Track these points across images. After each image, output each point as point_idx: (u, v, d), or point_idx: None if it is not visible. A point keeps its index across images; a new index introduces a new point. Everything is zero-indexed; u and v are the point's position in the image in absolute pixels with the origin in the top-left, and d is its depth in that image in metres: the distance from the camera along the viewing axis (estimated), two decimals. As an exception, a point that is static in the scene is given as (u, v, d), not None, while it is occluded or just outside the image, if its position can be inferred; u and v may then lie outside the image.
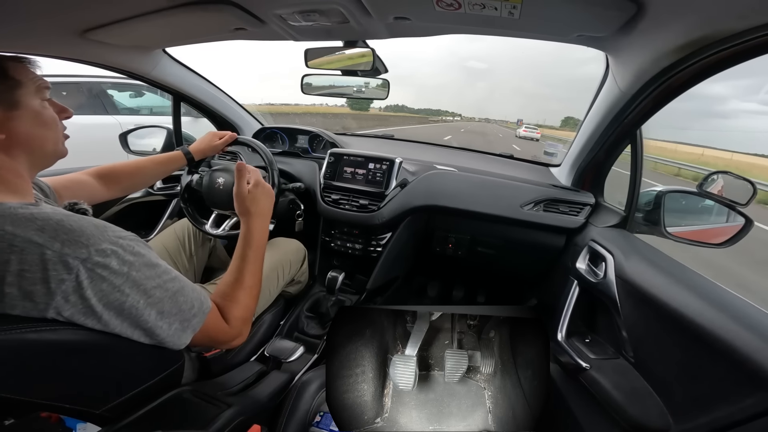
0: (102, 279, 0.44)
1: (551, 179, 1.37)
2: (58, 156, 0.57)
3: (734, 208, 0.84)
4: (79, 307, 0.44)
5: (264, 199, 0.79)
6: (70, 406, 0.47)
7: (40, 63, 0.56)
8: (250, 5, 0.71)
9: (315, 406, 0.73)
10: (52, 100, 0.56)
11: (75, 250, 0.43)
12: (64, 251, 0.42)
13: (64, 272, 0.42)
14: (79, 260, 0.43)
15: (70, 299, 0.43)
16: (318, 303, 1.28)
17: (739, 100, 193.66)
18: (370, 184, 1.25)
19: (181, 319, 0.53)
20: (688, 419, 0.61)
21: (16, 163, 0.51)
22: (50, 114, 0.54)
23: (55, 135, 0.55)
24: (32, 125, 0.51)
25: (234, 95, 1.59)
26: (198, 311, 0.55)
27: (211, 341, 0.61)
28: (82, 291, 0.43)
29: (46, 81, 0.55)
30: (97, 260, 0.44)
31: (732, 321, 0.57)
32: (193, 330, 0.55)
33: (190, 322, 0.54)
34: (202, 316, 0.56)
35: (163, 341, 0.52)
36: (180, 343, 0.53)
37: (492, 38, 0.91)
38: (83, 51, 0.93)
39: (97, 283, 0.44)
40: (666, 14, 0.59)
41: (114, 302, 0.46)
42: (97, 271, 0.44)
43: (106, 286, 0.45)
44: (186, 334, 0.54)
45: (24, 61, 0.53)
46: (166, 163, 0.98)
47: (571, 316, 0.93)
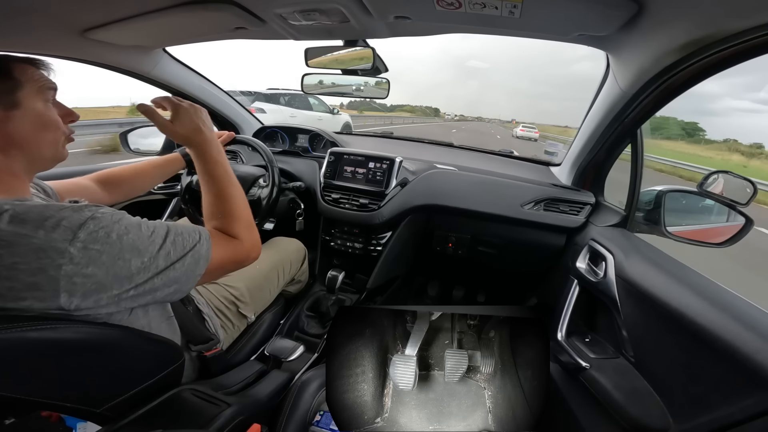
0: (98, 253, 0.44)
1: (552, 178, 1.37)
2: (58, 159, 0.57)
3: (734, 208, 0.84)
4: (89, 286, 0.44)
5: (189, 117, 0.69)
6: (71, 405, 0.47)
7: (54, 66, 0.56)
8: (250, 4, 0.71)
9: (315, 405, 0.73)
10: (58, 103, 0.56)
11: (61, 234, 0.43)
12: (50, 237, 0.42)
13: (58, 257, 0.42)
14: (67, 242, 0.42)
15: (76, 281, 0.43)
16: (318, 302, 1.28)
17: (731, 98, 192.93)
18: (371, 184, 1.25)
19: (191, 254, 0.53)
20: (688, 419, 0.61)
21: (12, 162, 0.51)
22: (51, 116, 0.54)
23: (54, 138, 0.54)
24: (31, 127, 0.51)
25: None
26: (201, 239, 0.56)
27: (231, 261, 0.61)
28: (83, 269, 0.43)
29: (52, 82, 0.54)
30: (84, 237, 0.43)
31: (732, 321, 0.57)
32: (206, 260, 0.55)
33: (199, 253, 0.54)
34: (207, 243, 0.56)
35: (183, 283, 0.53)
36: (196, 274, 0.54)
37: (485, 36, 0.91)
38: (83, 50, 0.93)
39: (95, 258, 0.44)
40: (667, 13, 0.59)
41: (120, 271, 0.46)
42: (90, 247, 0.44)
43: (106, 258, 0.45)
44: (200, 265, 0.54)
45: (34, 63, 0.53)
46: (165, 166, 0.98)
47: (571, 316, 0.93)
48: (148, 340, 0.57)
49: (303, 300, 1.26)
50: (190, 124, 0.68)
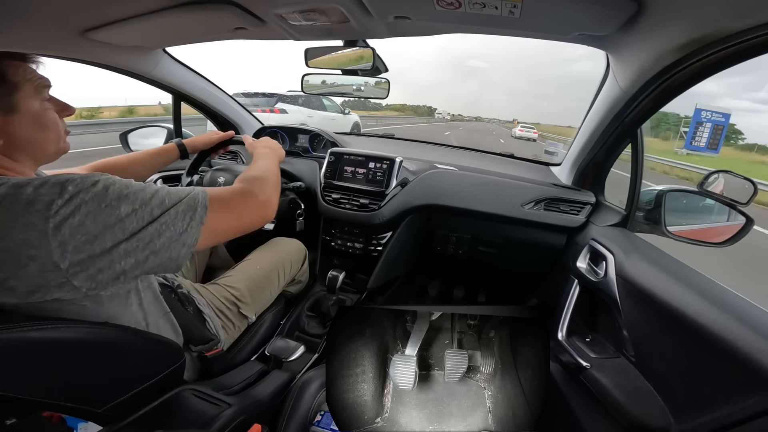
0: (83, 202, 0.43)
1: (552, 178, 1.37)
2: (60, 153, 0.58)
3: (735, 207, 0.84)
4: (78, 238, 0.42)
5: (273, 143, 0.92)
6: (72, 405, 0.47)
7: (43, 60, 0.56)
8: (250, 5, 0.71)
9: (316, 405, 0.73)
10: (53, 98, 0.56)
11: (48, 189, 0.42)
12: (38, 192, 0.42)
13: (45, 210, 0.41)
14: (55, 195, 0.42)
15: (64, 231, 0.41)
16: (318, 302, 1.27)
17: (731, 98, 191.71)
18: (371, 184, 1.25)
19: (187, 200, 0.51)
20: (689, 418, 0.61)
21: (18, 165, 0.51)
22: (50, 115, 0.54)
23: (56, 135, 0.55)
24: (32, 128, 0.51)
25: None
26: (197, 190, 0.53)
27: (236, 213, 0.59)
28: (70, 219, 0.42)
29: (46, 79, 0.54)
30: (71, 189, 0.43)
31: (733, 320, 0.57)
32: (204, 207, 0.52)
33: (195, 199, 0.52)
34: (203, 192, 0.54)
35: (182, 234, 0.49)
36: (196, 222, 0.51)
37: (484, 35, 0.91)
38: (83, 51, 0.93)
39: (80, 207, 0.43)
40: (667, 13, 0.59)
41: (108, 218, 0.44)
42: (76, 197, 0.43)
43: (92, 206, 0.43)
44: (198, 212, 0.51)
45: (25, 60, 0.52)
46: (161, 155, 0.99)
47: (571, 316, 0.93)
48: (149, 340, 0.57)
49: (303, 300, 1.26)
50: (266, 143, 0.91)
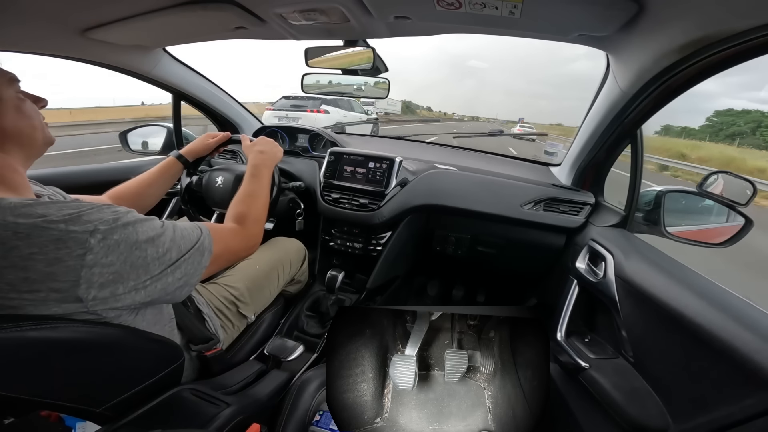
0: (116, 243, 0.46)
1: (551, 179, 1.37)
2: (48, 143, 0.58)
3: (734, 208, 0.84)
4: (107, 276, 0.45)
5: (268, 145, 0.93)
6: (70, 405, 0.47)
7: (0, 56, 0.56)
8: (250, 4, 0.71)
9: (315, 404, 0.73)
10: (24, 91, 0.56)
11: (81, 226, 0.44)
12: (70, 229, 0.43)
13: (77, 248, 0.43)
14: (87, 233, 0.44)
15: (95, 270, 0.44)
16: (318, 302, 1.28)
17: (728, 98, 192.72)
18: (370, 183, 1.25)
19: (197, 246, 0.57)
20: (687, 419, 0.61)
21: (9, 158, 0.51)
22: (29, 104, 0.55)
23: (39, 122, 0.56)
24: (16, 117, 0.52)
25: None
26: (203, 233, 0.60)
27: (229, 251, 0.67)
28: (102, 259, 0.45)
29: (13, 73, 0.54)
30: (104, 229, 0.45)
31: (732, 321, 0.57)
32: (209, 252, 0.59)
33: (203, 245, 0.58)
34: (208, 236, 0.60)
35: (190, 275, 0.56)
36: (202, 266, 0.58)
37: (483, 35, 0.91)
38: (84, 50, 0.93)
39: (113, 248, 0.46)
40: (667, 13, 0.59)
41: (137, 261, 0.48)
42: (109, 238, 0.46)
43: (123, 247, 0.47)
44: (204, 257, 0.58)
45: None
46: (166, 170, 0.96)
47: (570, 316, 0.93)
48: (148, 340, 0.57)
49: (303, 300, 1.26)
50: (265, 146, 0.92)
